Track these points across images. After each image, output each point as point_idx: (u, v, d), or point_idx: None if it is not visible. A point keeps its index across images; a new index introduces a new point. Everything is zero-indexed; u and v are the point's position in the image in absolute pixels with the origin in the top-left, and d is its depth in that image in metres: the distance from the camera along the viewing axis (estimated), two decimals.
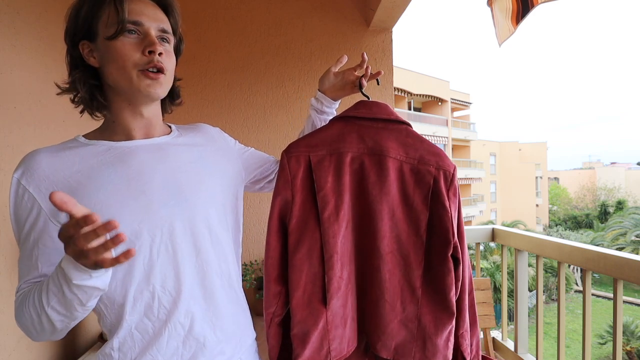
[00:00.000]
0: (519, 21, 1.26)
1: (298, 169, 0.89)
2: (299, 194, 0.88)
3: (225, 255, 0.81)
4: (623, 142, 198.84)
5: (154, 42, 0.70)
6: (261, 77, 2.07)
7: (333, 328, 0.87)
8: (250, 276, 1.98)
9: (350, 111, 0.95)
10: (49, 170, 0.69)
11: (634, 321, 12.19)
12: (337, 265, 0.87)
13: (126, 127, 0.76)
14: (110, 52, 0.70)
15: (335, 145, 0.91)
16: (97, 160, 0.72)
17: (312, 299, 0.87)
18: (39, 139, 1.31)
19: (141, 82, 0.71)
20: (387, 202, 0.88)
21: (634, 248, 16.08)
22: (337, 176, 0.89)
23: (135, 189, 0.71)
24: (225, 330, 0.79)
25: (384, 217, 0.88)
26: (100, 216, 0.67)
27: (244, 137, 2.06)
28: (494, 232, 2.23)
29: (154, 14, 0.73)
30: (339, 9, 2.07)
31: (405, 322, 0.90)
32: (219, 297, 0.78)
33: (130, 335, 0.72)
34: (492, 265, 14.00)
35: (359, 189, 0.90)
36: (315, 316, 0.87)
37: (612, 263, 1.44)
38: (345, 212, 0.89)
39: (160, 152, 0.77)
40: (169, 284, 0.72)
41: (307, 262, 0.87)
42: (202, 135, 0.88)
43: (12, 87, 1.20)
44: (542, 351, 1.85)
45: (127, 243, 0.69)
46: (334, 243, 0.87)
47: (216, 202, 0.80)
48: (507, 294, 2.24)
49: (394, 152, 0.90)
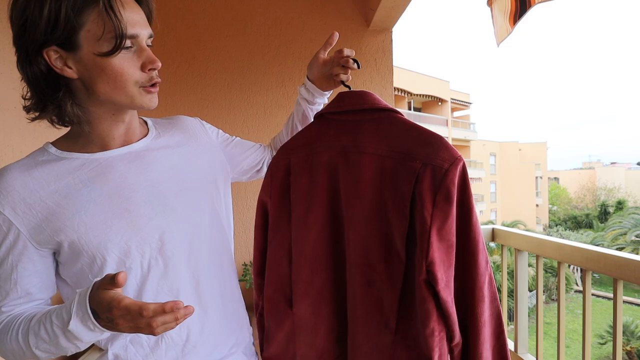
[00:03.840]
0: (516, 21, 1.27)
1: (277, 172, 0.87)
2: (276, 197, 0.86)
3: (218, 257, 0.80)
4: (623, 142, 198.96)
5: (154, 60, 0.66)
6: (261, 77, 2.07)
7: (300, 333, 0.83)
8: (250, 276, 1.98)
9: (331, 106, 0.86)
10: (24, 192, 0.65)
11: (634, 321, 12.20)
12: (305, 270, 0.82)
13: (104, 137, 0.71)
14: (104, 69, 0.63)
15: (313, 146, 0.84)
16: (73, 177, 0.67)
17: (281, 299, 0.85)
18: (39, 139, 1.30)
19: (143, 98, 0.68)
20: (360, 208, 0.75)
21: (634, 248, 16.09)
22: (311, 179, 0.82)
23: (118, 206, 0.68)
24: (222, 332, 0.79)
25: (356, 224, 0.76)
26: (85, 239, 0.67)
27: (243, 137, 2.04)
28: (494, 232, 2.23)
29: (141, 17, 0.66)
30: (339, 9, 2.07)
31: (380, 349, 0.75)
32: (214, 301, 0.77)
33: (125, 349, 0.71)
34: (492, 265, 13.99)
35: (334, 192, 0.80)
36: (281, 317, 0.85)
37: (612, 263, 1.44)
38: (318, 216, 0.81)
39: (139, 160, 0.73)
40: (162, 297, 0.71)
41: (277, 263, 0.86)
42: (182, 132, 0.83)
43: (13, 86, 1.20)
44: (542, 351, 1.85)
45: (116, 262, 0.68)
46: (301, 247, 0.82)
47: (203, 206, 0.78)
48: (507, 294, 2.24)
49: (373, 147, 0.76)
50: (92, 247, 0.67)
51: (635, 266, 1.36)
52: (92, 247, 0.67)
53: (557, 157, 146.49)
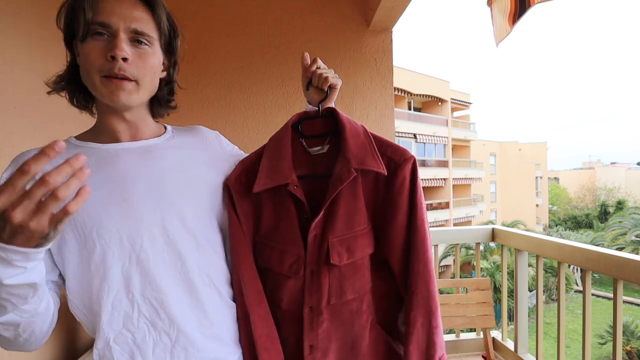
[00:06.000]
0: (515, 21, 1.27)
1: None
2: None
3: (213, 259, 0.78)
4: (623, 142, 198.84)
5: (115, 46, 0.65)
6: (261, 77, 2.07)
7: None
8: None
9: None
10: (38, 172, 0.67)
11: (634, 321, 12.19)
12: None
13: (111, 130, 0.74)
14: (81, 55, 0.68)
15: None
16: None
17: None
18: (38, 139, 1.31)
19: (104, 88, 0.67)
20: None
21: (634, 248, 16.07)
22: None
23: (117, 194, 0.69)
24: (217, 335, 0.76)
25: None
26: (80, 222, 0.66)
27: (243, 137, 2.06)
28: (494, 232, 2.24)
29: (129, 12, 0.67)
30: (339, 9, 2.07)
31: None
32: (208, 302, 0.75)
33: (109, 348, 0.69)
34: (492, 265, 14.00)
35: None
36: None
37: (612, 263, 1.44)
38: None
39: (147, 154, 0.75)
40: (150, 293, 0.69)
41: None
42: (197, 138, 0.85)
43: (13, 86, 1.20)
44: (542, 351, 1.85)
45: (104, 250, 0.67)
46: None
47: (203, 208, 0.78)
48: (507, 294, 2.24)
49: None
50: (86, 230, 0.67)
51: (635, 266, 1.36)
52: (86, 230, 0.67)
53: (557, 157, 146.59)
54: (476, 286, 2.08)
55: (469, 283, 2.18)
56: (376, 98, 2.09)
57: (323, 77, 0.85)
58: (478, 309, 2.03)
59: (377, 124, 2.06)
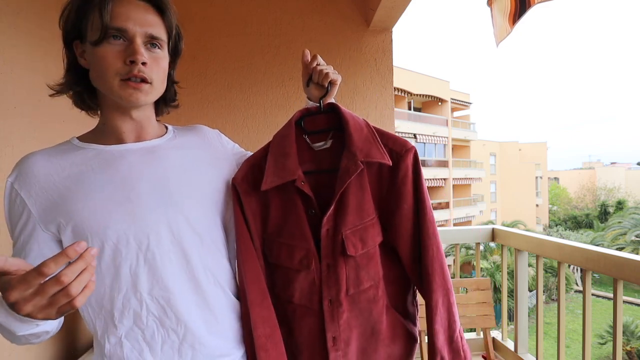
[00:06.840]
0: (515, 21, 1.27)
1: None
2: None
3: (218, 258, 0.79)
4: (623, 142, 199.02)
5: (135, 52, 0.67)
6: (261, 77, 2.07)
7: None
8: None
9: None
10: (40, 176, 0.69)
11: (634, 321, 12.20)
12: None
13: (116, 130, 0.75)
14: (95, 58, 0.69)
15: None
16: (86, 165, 0.71)
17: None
18: (39, 139, 1.31)
19: (123, 91, 0.69)
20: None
21: (634, 248, 16.08)
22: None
23: (121, 195, 0.70)
24: (222, 332, 0.78)
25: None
26: (87, 223, 0.67)
27: (244, 137, 2.06)
28: (494, 232, 2.23)
29: (143, 17, 0.69)
30: (338, 9, 2.07)
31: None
32: (213, 300, 0.76)
33: (120, 344, 0.71)
34: (492, 265, 14.00)
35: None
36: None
37: (612, 263, 1.44)
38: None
39: (150, 155, 0.76)
40: (157, 292, 0.71)
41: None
42: (198, 137, 0.86)
43: (13, 86, 1.20)
44: (542, 351, 1.85)
45: (112, 250, 0.69)
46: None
47: (207, 204, 0.79)
48: (507, 294, 2.24)
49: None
50: (92, 232, 0.68)
51: (635, 266, 1.36)
52: (92, 232, 0.68)
53: (557, 157, 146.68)
54: (476, 286, 2.08)
55: (469, 283, 2.18)
56: (376, 98, 2.09)
57: (323, 73, 0.86)
58: (478, 309, 2.03)
59: (377, 123, 2.04)
